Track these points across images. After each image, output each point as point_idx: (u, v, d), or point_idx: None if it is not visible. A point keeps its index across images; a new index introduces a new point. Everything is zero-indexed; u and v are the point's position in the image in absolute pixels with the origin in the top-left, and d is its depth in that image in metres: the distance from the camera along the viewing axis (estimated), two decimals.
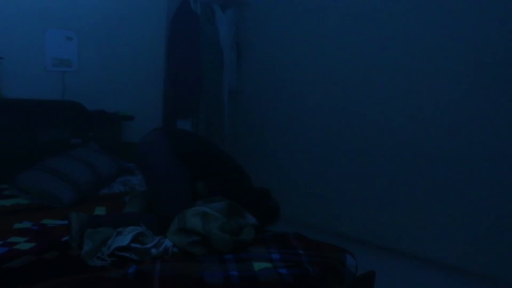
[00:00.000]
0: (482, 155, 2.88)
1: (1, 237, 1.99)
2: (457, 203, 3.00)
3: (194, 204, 2.16)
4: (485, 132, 2.87)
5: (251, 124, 4.39)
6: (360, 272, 1.98)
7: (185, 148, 2.25)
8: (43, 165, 2.77)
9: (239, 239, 1.95)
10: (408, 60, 3.21)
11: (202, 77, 4.09)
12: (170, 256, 1.88)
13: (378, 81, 3.38)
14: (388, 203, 3.35)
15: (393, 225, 3.32)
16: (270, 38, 4.16)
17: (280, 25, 4.06)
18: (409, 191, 3.23)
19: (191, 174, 2.24)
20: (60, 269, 1.68)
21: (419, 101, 3.16)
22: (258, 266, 1.75)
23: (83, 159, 2.89)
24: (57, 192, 2.58)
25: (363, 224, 3.49)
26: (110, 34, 3.68)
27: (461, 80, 2.96)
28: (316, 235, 2.33)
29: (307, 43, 3.85)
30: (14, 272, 1.63)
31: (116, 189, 2.97)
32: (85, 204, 2.59)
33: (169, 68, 4.03)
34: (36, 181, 2.65)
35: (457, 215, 3.00)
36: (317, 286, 1.69)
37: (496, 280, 2.82)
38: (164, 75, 4.08)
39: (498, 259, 2.82)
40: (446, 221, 3.04)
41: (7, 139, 3.02)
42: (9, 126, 3.06)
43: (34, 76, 3.30)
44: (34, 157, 2.88)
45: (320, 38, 3.75)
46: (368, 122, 3.45)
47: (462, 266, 2.97)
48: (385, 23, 3.31)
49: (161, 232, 1.99)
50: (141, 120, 3.73)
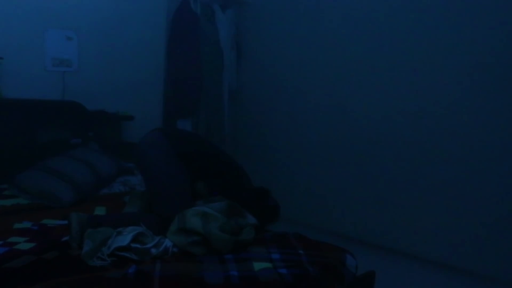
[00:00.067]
0: (482, 155, 2.89)
1: (1, 237, 1.99)
2: (457, 203, 3.00)
3: (194, 204, 2.16)
4: (485, 132, 2.87)
5: (251, 124, 4.39)
6: (360, 272, 1.98)
7: (185, 148, 2.25)
8: (43, 165, 2.77)
9: (239, 239, 1.95)
10: (408, 60, 3.21)
11: (202, 77, 4.09)
12: (170, 256, 1.88)
13: (379, 81, 3.38)
14: (388, 203, 3.35)
15: (393, 225, 3.32)
16: (270, 38, 4.16)
17: (280, 25, 4.06)
18: (409, 191, 3.23)
19: (191, 174, 2.24)
20: (60, 269, 1.68)
21: (419, 101, 3.16)
22: (258, 266, 1.75)
23: (83, 159, 2.89)
24: (57, 192, 2.58)
25: (363, 224, 3.49)
26: (110, 34, 3.68)
27: (461, 80, 2.96)
28: (316, 235, 2.33)
29: (307, 43, 3.85)
30: (14, 272, 1.63)
31: (116, 189, 2.97)
32: (85, 204, 2.59)
33: (169, 68, 4.03)
34: (36, 181, 2.65)
35: (457, 215, 3.00)
36: (317, 286, 1.69)
37: (496, 280, 2.82)
38: (164, 75, 4.08)
39: (498, 259, 2.82)
40: (446, 221, 3.05)
41: (7, 139, 3.02)
42: (9, 126, 3.06)
43: (34, 76, 3.30)
44: (34, 157, 2.88)
45: (320, 38, 3.75)
46: (368, 122, 3.45)
47: (462, 266, 2.97)
48: (385, 23, 3.31)
49: (161, 232, 1.99)
50: (141, 120, 3.73)
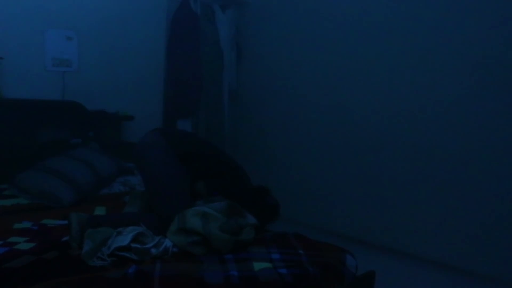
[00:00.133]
0: (482, 155, 2.88)
1: (1, 237, 1.99)
2: (457, 203, 3.00)
3: (194, 204, 2.16)
4: (485, 132, 2.87)
5: (251, 124, 4.39)
6: (360, 272, 1.98)
7: (184, 148, 2.25)
8: (43, 165, 2.77)
9: (239, 239, 1.95)
10: (408, 60, 3.21)
11: (202, 77, 4.09)
12: (170, 256, 1.88)
13: (379, 81, 3.38)
14: (388, 203, 3.35)
15: (393, 225, 3.32)
16: (270, 38, 4.16)
17: (280, 25, 4.06)
18: (409, 191, 3.23)
19: (190, 174, 2.24)
20: (60, 269, 1.68)
21: (419, 101, 3.16)
22: (258, 266, 1.75)
23: (83, 159, 2.89)
24: (57, 192, 2.58)
25: (363, 224, 3.49)
26: (110, 34, 3.68)
27: (461, 80, 2.96)
28: (316, 235, 2.33)
29: (307, 43, 3.85)
30: (14, 272, 1.63)
31: (116, 189, 2.97)
32: (85, 204, 2.59)
33: (169, 68, 4.03)
34: (36, 181, 2.65)
35: (457, 215, 3.00)
36: (317, 286, 1.69)
37: (496, 280, 2.82)
38: (164, 75, 4.08)
39: (498, 259, 2.82)
40: (446, 221, 3.04)
41: (7, 139, 3.02)
42: (9, 126, 3.06)
43: (34, 76, 3.30)
44: (34, 157, 2.88)
45: (320, 38, 3.75)
46: (368, 122, 3.45)
47: (462, 266, 2.97)
48: (385, 23, 3.31)
49: (161, 232, 1.99)
50: (141, 120, 3.73)
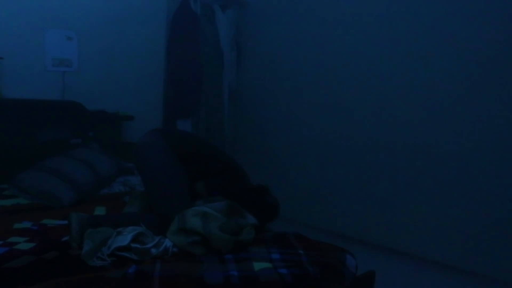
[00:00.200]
0: (482, 155, 2.88)
1: (1, 237, 1.99)
2: (457, 203, 3.00)
3: (194, 204, 2.16)
4: (485, 132, 2.87)
5: (251, 124, 4.39)
6: (360, 272, 1.98)
7: (183, 149, 2.25)
8: (43, 165, 2.77)
9: (239, 239, 1.95)
10: (408, 60, 3.21)
11: (202, 77, 4.09)
12: (170, 256, 1.88)
13: (379, 82, 3.38)
14: (388, 203, 3.35)
15: (393, 225, 3.32)
16: (270, 38, 4.16)
17: (280, 25, 4.06)
18: (409, 191, 3.23)
19: (190, 174, 2.24)
20: (60, 269, 1.68)
21: (419, 101, 3.16)
22: (258, 266, 1.75)
23: (83, 159, 2.89)
24: (57, 192, 2.58)
25: (363, 224, 3.49)
26: (110, 34, 3.68)
27: (461, 80, 2.96)
28: (316, 235, 2.33)
29: (307, 43, 3.85)
30: (14, 272, 1.63)
31: (116, 189, 2.97)
32: (85, 204, 2.59)
33: (169, 68, 4.03)
34: (36, 181, 2.65)
35: (457, 215, 3.00)
36: (317, 286, 1.69)
37: (496, 280, 2.82)
38: (164, 75, 4.08)
39: (498, 259, 2.82)
40: (446, 221, 3.04)
41: (7, 139, 3.02)
42: (9, 126, 3.06)
43: (34, 76, 3.30)
44: (34, 157, 2.88)
45: (320, 38, 3.75)
46: (368, 122, 3.45)
47: (462, 266, 2.97)
48: (385, 23, 3.31)
49: (161, 232, 1.99)
50: (141, 120, 3.73)
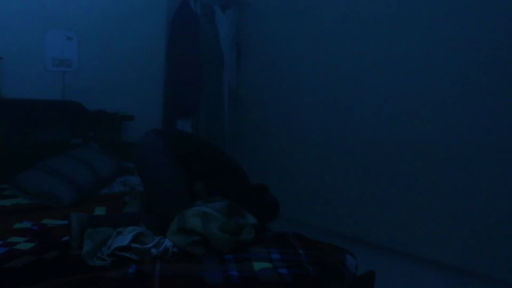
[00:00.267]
0: (482, 155, 2.88)
1: (1, 237, 1.99)
2: (457, 203, 3.00)
3: (194, 204, 2.16)
4: (485, 132, 2.87)
5: (251, 124, 4.39)
6: (360, 272, 1.98)
7: (182, 149, 2.25)
8: (43, 165, 2.77)
9: (239, 239, 1.95)
10: (408, 60, 3.21)
11: (202, 77, 4.09)
12: (170, 256, 1.88)
13: (379, 82, 3.38)
14: (388, 203, 3.35)
15: (393, 225, 3.32)
16: (270, 38, 4.16)
17: (280, 25, 4.06)
18: (409, 191, 3.23)
19: (190, 174, 2.24)
20: (60, 269, 1.68)
21: (419, 101, 3.16)
22: (258, 266, 1.75)
23: (83, 159, 2.89)
24: (57, 192, 2.58)
25: (363, 224, 3.49)
26: (110, 34, 3.68)
27: (461, 80, 2.96)
28: (316, 235, 2.33)
29: (307, 43, 3.85)
30: (14, 272, 1.63)
31: (116, 189, 2.97)
32: (85, 204, 2.59)
33: (169, 68, 4.03)
34: (36, 181, 2.65)
35: (457, 215, 3.00)
36: (317, 286, 1.69)
37: (496, 280, 2.82)
38: (164, 75, 4.08)
39: (498, 259, 2.82)
40: (446, 221, 3.04)
41: (7, 139, 3.02)
42: (9, 126, 3.06)
43: (34, 76, 3.30)
44: (34, 157, 2.88)
45: (320, 38, 3.75)
46: (368, 122, 3.45)
47: (462, 266, 2.97)
48: (385, 23, 3.31)
49: (161, 232, 1.99)
50: (141, 120, 3.73)
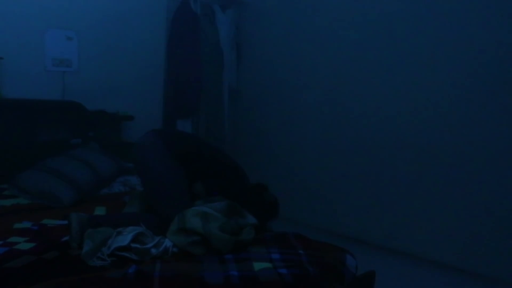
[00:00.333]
0: (482, 155, 2.88)
1: (1, 237, 1.99)
2: (457, 203, 3.00)
3: (194, 204, 2.16)
4: (485, 132, 2.87)
5: (251, 124, 4.39)
6: (360, 272, 1.98)
7: (182, 149, 2.25)
8: (43, 165, 2.77)
9: (239, 239, 1.95)
10: (408, 60, 3.21)
11: (202, 77, 4.10)
12: (170, 256, 1.88)
13: (379, 82, 3.38)
14: (388, 203, 3.35)
15: (393, 225, 3.32)
16: (270, 38, 4.16)
17: (280, 25, 4.06)
18: (409, 191, 3.23)
19: (189, 175, 2.24)
20: (60, 269, 1.68)
21: (419, 101, 3.16)
22: (258, 266, 1.75)
23: (83, 159, 2.89)
24: (57, 192, 2.58)
25: (363, 224, 3.49)
26: (110, 34, 3.68)
27: (462, 80, 2.96)
28: (316, 235, 2.33)
29: (307, 43, 3.85)
30: (14, 272, 1.63)
31: (116, 189, 2.97)
32: (85, 204, 2.59)
33: (169, 68, 4.03)
34: (36, 181, 2.65)
35: (457, 215, 3.00)
36: (317, 286, 1.69)
37: (496, 280, 2.82)
38: (164, 75, 4.08)
39: (498, 259, 2.82)
40: (446, 221, 3.05)
41: (7, 139, 3.02)
42: (9, 126, 3.06)
43: (34, 76, 3.30)
44: (34, 157, 2.88)
45: (320, 38, 3.75)
46: (368, 122, 3.45)
47: (462, 266, 2.97)
48: (385, 23, 3.31)
49: (161, 232, 1.99)
50: (141, 120, 3.73)
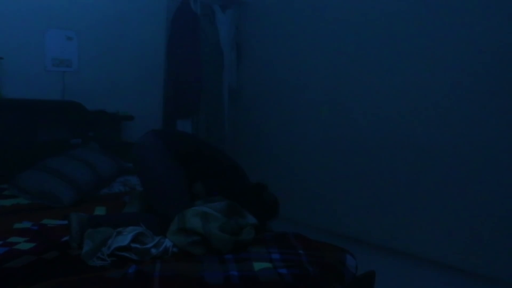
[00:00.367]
0: (482, 155, 2.89)
1: (1, 237, 1.99)
2: (457, 203, 3.00)
3: (194, 204, 2.16)
4: (485, 133, 2.87)
5: (251, 124, 4.39)
6: (360, 272, 1.98)
7: (181, 149, 2.25)
8: (43, 165, 2.77)
9: (239, 239, 1.95)
10: (408, 60, 3.21)
11: (202, 77, 4.10)
12: (170, 256, 1.88)
13: (379, 82, 3.38)
14: (388, 203, 3.35)
15: (393, 225, 3.32)
16: (270, 38, 4.16)
17: (280, 25, 4.06)
18: (409, 191, 3.23)
19: (189, 175, 2.24)
20: (60, 269, 1.68)
21: (419, 101, 3.16)
22: (258, 266, 1.75)
23: (83, 159, 2.89)
24: (57, 192, 2.58)
25: (363, 224, 3.50)
26: (110, 34, 3.68)
27: (462, 80, 2.96)
28: (316, 235, 2.33)
29: (307, 43, 3.85)
30: (14, 272, 1.63)
31: (116, 189, 2.97)
32: (85, 204, 2.59)
33: (169, 68, 4.03)
34: (36, 181, 2.65)
35: (457, 215, 3.00)
36: (317, 286, 1.69)
37: (496, 280, 2.82)
38: (164, 75, 4.08)
39: (498, 259, 2.82)
40: (446, 221, 3.05)
41: (7, 139, 3.02)
42: (9, 126, 3.06)
43: (34, 76, 3.30)
44: (34, 157, 2.88)
45: (320, 38, 3.75)
46: (368, 122, 3.45)
47: (462, 266, 2.97)
48: (385, 23, 3.31)
49: (161, 232, 1.99)
50: (141, 120, 3.73)
